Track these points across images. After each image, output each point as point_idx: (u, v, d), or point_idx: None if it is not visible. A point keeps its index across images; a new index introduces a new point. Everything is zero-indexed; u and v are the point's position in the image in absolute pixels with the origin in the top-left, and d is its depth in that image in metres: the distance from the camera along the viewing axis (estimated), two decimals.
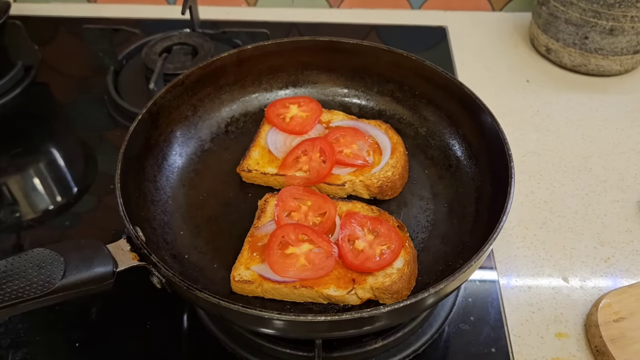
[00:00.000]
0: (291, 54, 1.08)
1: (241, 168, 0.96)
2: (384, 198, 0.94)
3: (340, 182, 0.93)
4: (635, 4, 1.20)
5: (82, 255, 0.69)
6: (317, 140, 0.97)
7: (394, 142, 0.99)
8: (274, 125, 1.02)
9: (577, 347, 0.85)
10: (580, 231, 1.02)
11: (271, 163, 0.97)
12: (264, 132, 1.02)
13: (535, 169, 1.13)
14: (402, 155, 0.97)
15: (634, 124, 1.23)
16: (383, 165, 0.95)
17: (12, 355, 0.84)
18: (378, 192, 0.93)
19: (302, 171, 0.94)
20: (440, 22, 1.55)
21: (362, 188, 0.93)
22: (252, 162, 0.97)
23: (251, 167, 0.96)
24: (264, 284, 0.79)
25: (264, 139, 1.00)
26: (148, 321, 0.88)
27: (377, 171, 0.94)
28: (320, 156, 0.95)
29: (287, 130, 1.00)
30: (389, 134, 1.00)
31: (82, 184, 1.12)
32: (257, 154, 0.98)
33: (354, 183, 0.93)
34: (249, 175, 0.96)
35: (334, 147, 0.95)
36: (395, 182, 0.93)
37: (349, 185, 0.93)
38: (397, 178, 0.93)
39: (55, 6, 1.62)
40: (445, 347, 0.86)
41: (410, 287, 0.80)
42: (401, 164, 0.95)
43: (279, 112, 1.03)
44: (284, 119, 1.02)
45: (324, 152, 0.95)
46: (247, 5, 1.62)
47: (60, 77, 1.39)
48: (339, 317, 0.65)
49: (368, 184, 0.92)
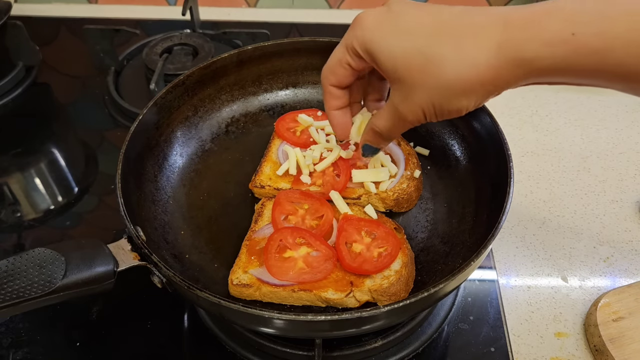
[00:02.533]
0: (291, 54, 1.08)
1: (254, 184, 0.94)
2: (399, 211, 0.92)
3: (356, 195, 0.91)
4: None
5: (83, 255, 0.69)
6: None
7: (406, 153, 0.96)
8: (285, 139, 1.00)
9: (576, 347, 0.86)
10: (579, 231, 1.02)
11: (284, 178, 0.94)
12: (274, 146, 1.00)
13: (534, 169, 1.14)
14: (415, 166, 0.95)
15: (633, 124, 1.24)
16: (399, 178, 0.92)
17: (13, 354, 0.84)
18: (394, 204, 0.91)
19: (316, 185, 0.92)
20: None
21: (378, 201, 0.91)
22: (265, 178, 0.95)
23: (264, 183, 0.94)
24: (262, 287, 0.79)
25: (275, 154, 0.98)
26: (149, 321, 0.88)
27: (392, 184, 0.91)
28: (333, 170, 0.93)
29: (298, 144, 0.98)
30: (401, 145, 0.98)
31: (83, 184, 1.12)
32: (268, 169, 0.96)
33: (370, 196, 0.91)
34: (261, 191, 0.93)
35: (348, 161, 0.94)
36: (411, 195, 0.91)
37: (364, 198, 0.91)
38: (412, 190, 0.91)
39: (56, 6, 1.62)
40: (444, 346, 0.87)
41: (408, 289, 0.79)
42: (416, 176, 0.93)
43: (289, 126, 1.01)
44: (294, 133, 1.00)
45: (337, 165, 0.93)
46: (248, 6, 1.62)
47: (61, 78, 1.39)
48: (339, 316, 0.65)
49: (384, 197, 0.90)
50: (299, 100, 1.11)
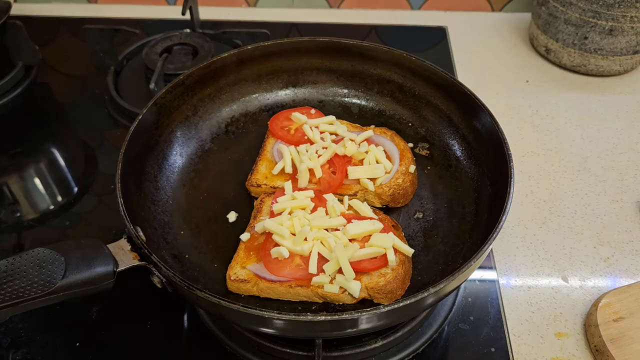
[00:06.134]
0: (291, 54, 1.08)
1: (250, 183, 0.94)
2: (396, 206, 0.93)
3: (352, 192, 0.92)
4: (634, 4, 1.20)
5: (83, 255, 0.69)
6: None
7: (401, 148, 0.97)
8: (279, 138, 1.00)
9: (576, 347, 0.85)
10: (579, 231, 1.02)
11: (280, 176, 0.95)
12: (269, 145, 1.00)
13: (534, 168, 1.13)
14: (410, 161, 0.96)
15: (634, 124, 1.23)
16: (394, 173, 0.93)
17: (13, 354, 0.84)
18: (390, 200, 0.92)
19: (313, 183, 0.93)
20: (440, 23, 1.55)
21: (374, 197, 0.92)
22: (261, 177, 0.95)
23: (260, 181, 0.94)
24: (260, 283, 0.79)
25: (270, 152, 0.99)
26: (148, 321, 0.88)
27: (388, 180, 0.92)
28: (329, 167, 0.94)
29: (292, 142, 0.98)
30: (395, 141, 0.99)
31: (82, 184, 1.12)
32: (264, 167, 0.96)
33: (366, 192, 0.92)
34: (258, 190, 0.94)
35: (344, 158, 0.94)
36: (407, 189, 0.92)
37: (360, 195, 0.92)
38: (408, 185, 0.92)
39: (56, 6, 1.62)
40: (444, 346, 0.86)
41: (404, 287, 0.80)
42: (411, 171, 0.94)
43: (283, 125, 1.02)
44: (288, 131, 1.01)
45: (333, 163, 0.94)
46: (247, 6, 1.62)
47: (61, 77, 1.39)
48: (339, 316, 0.65)
49: (380, 192, 0.91)
50: (298, 100, 1.11)
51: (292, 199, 0.87)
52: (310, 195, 0.88)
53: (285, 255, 0.79)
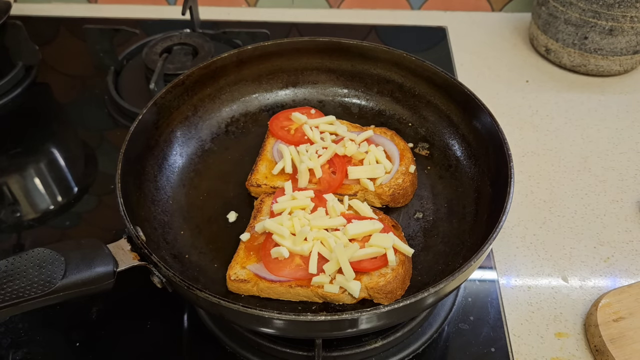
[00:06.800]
0: (291, 54, 1.08)
1: (250, 183, 0.94)
2: (396, 206, 0.93)
3: (352, 192, 0.92)
4: (634, 4, 1.20)
5: (83, 255, 0.69)
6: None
7: (401, 148, 0.98)
8: (279, 138, 1.00)
9: (576, 347, 0.85)
10: (579, 231, 1.02)
11: (280, 176, 0.94)
12: (269, 145, 1.00)
13: (534, 168, 1.13)
14: (410, 161, 0.96)
15: (634, 124, 1.23)
16: (394, 173, 0.93)
17: (13, 354, 0.84)
18: (390, 200, 0.92)
19: (313, 183, 0.93)
20: (440, 23, 1.55)
21: (374, 197, 0.92)
22: (261, 177, 0.95)
23: (260, 181, 0.94)
24: (260, 282, 0.79)
25: (270, 152, 0.99)
26: (148, 321, 0.88)
27: (388, 180, 0.92)
28: (329, 167, 0.94)
29: (292, 142, 0.98)
30: (395, 141, 0.99)
31: (82, 183, 1.12)
32: (264, 167, 0.96)
33: (366, 192, 0.92)
34: (258, 190, 0.94)
35: (344, 158, 0.94)
36: (407, 189, 0.92)
37: (360, 195, 0.92)
38: (408, 185, 0.92)
39: (56, 6, 1.62)
40: (444, 346, 0.86)
41: (404, 287, 0.80)
42: (411, 171, 0.94)
43: (283, 125, 1.02)
44: (288, 131, 1.01)
45: (333, 163, 0.94)
46: (247, 6, 1.62)
47: (61, 77, 1.39)
48: (339, 316, 0.65)
49: (380, 192, 0.91)
50: (298, 100, 1.11)
51: (292, 199, 0.87)
52: (310, 195, 0.88)
53: (285, 255, 0.79)
